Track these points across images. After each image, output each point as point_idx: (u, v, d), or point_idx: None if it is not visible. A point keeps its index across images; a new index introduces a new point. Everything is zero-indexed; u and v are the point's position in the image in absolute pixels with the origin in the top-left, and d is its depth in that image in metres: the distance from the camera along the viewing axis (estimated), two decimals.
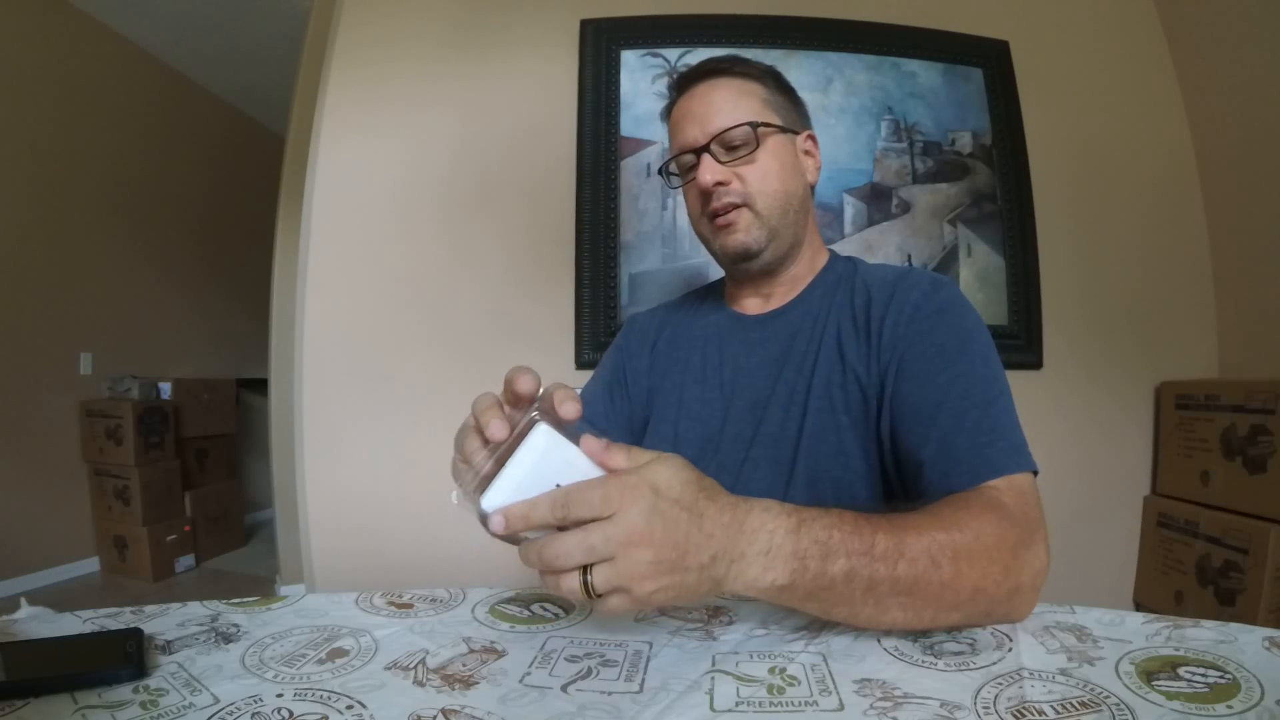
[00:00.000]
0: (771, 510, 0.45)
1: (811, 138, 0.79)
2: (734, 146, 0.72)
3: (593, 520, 0.40)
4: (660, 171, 0.78)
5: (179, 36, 3.16)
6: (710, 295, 0.87)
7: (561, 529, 0.40)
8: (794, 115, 0.78)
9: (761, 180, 0.72)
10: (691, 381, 0.79)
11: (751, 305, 0.80)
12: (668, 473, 0.42)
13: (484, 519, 0.42)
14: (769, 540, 0.43)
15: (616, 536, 0.39)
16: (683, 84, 0.77)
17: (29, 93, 2.72)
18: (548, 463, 0.41)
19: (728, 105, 0.72)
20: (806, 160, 0.78)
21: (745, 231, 0.73)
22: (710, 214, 0.73)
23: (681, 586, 0.41)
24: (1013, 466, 0.56)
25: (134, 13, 2.96)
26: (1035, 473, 0.57)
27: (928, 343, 0.64)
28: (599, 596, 0.40)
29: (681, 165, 0.76)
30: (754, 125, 0.72)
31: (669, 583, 0.41)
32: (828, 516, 0.46)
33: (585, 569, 0.40)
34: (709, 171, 0.71)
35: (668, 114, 0.79)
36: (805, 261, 0.79)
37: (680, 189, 0.78)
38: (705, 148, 0.72)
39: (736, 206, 0.72)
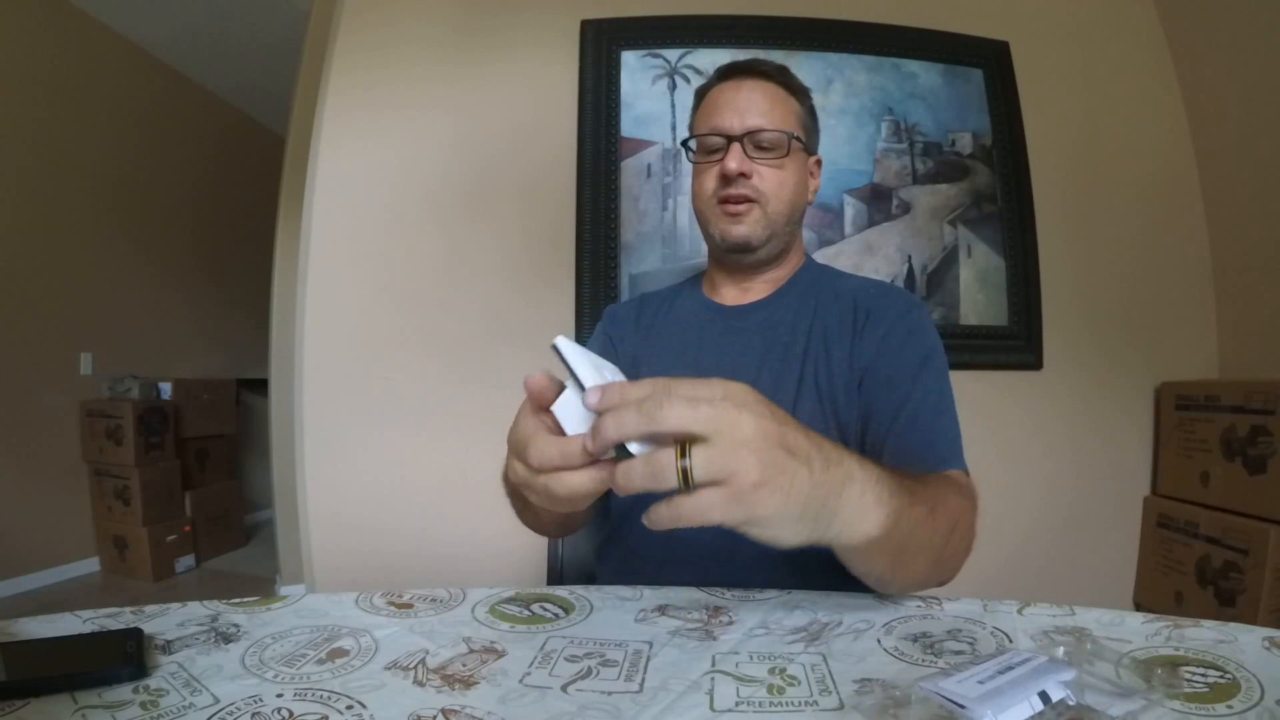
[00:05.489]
0: (854, 454, 0.45)
1: (819, 162, 0.86)
2: (764, 148, 0.77)
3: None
4: (683, 144, 0.83)
5: (179, 36, 3.16)
6: (686, 286, 0.91)
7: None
8: (814, 137, 0.85)
9: (779, 186, 0.78)
10: (670, 366, 0.81)
11: (730, 296, 0.85)
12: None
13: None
14: (877, 471, 0.44)
15: (727, 407, 0.36)
16: (729, 72, 0.81)
17: (28, 92, 2.72)
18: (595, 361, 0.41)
19: (767, 108, 0.77)
20: (810, 181, 0.85)
21: (751, 226, 0.78)
22: (723, 199, 0.78)
23: (791, 489, 0.37)
24: (955, 463, 0.67)
25: (134, 13, 2.96)
26: (966, 471, 0.68)
27: (895, 356, 0.74)
28: (695, 488, 0.36)
29: (706, 145, 0.80)
30: (790, 136, 0.77)
31: (780, 478, 0.36)
32: (884, 468, 0.47)
33: (684, 450, 0.35)
34: (735, 159, 0.75)
35: (702, 95, 0.83)
36: (788, 265, 0.85)
37: (695, 164, 0.82)
38: (739, 139, 0.76)
39: (750, 201, 0.77)
